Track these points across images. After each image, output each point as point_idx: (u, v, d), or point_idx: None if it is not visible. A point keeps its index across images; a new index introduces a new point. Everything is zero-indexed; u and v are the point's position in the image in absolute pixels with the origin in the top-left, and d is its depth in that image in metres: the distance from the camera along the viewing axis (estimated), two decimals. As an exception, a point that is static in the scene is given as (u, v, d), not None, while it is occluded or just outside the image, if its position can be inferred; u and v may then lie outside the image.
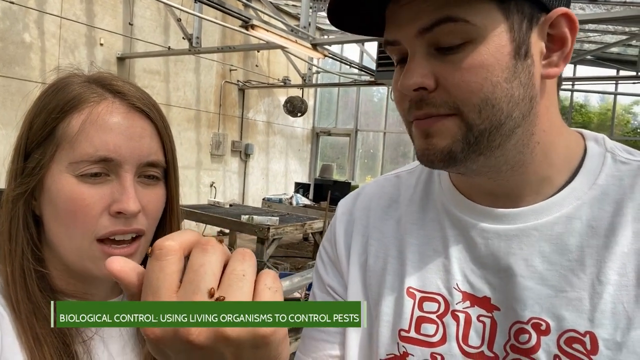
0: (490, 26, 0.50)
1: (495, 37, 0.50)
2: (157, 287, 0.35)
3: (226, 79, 8.55)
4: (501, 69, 0.50)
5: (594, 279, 0.53)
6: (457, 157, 0.54)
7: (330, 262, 0.73)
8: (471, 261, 0.60)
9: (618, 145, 0.60)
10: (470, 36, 0.50)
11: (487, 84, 0.50)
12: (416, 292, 0.62)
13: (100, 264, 0.60)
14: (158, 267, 0.35)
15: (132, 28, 6.73)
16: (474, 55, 0.50)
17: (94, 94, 0.62)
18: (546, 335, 0.53)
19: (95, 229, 0.60)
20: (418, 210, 0.67)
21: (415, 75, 0.52)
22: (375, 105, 11.02)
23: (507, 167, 0.56)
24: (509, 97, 0.51)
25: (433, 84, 0.52)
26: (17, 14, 5.44)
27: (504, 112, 0.52)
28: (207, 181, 8.41)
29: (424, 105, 0.53)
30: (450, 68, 0.51)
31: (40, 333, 0.57)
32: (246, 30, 4.68)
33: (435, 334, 0.59)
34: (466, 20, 0.49)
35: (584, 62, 8.31)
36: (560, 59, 0.54)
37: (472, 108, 0.51)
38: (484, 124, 0.52)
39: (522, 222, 0.57)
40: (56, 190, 0.60)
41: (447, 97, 0.52)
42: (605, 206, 0.55)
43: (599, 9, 5.99)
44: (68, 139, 0.60)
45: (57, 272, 0.64)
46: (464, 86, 0.51)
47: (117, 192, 0.60)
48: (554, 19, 0.52)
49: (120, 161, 0.60)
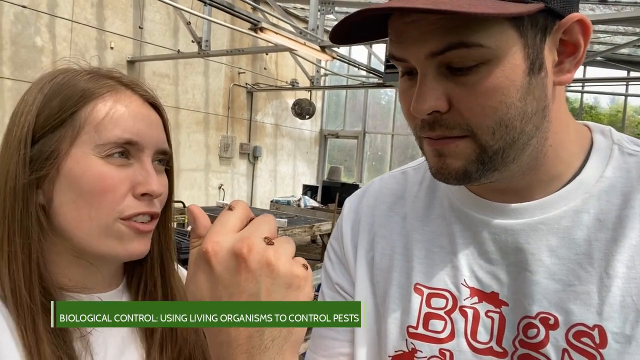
0: (505, 46, 0.48)
1: (509, 57, 0.48)
2: (226, 221, 0.43)
3: (235, 82, 8.58)
4: (516, 90, 0.49)
5: (602, 273, 0.52)
6: (472, 176, 0.54)
7: (338, 260, 0.73)
8: (478, 256, 0.60)
9: (625, 136, 0.59)
10: (484, 58, 0.48)
11: (502, 106, 0.49)
12: (423, 288, 0.62)
13: (127, 241, 0.63)
14: (230, 213, 0.44)
15: (142, 32, 6.78)
16: (489, 78, 0.48)
17: (110, 85, 0.65)
18: (555, 329, 0.53)
19: (120, 208, 0.62)
20: (424, 206, 0.67)
21: (428, 100, 0.50)
22: (383, 108, 10.99)
23: (519, 173, 0.56)
24: (522, 115, 0.50)
25: (446, 106, 0.51)
26: (28, 18, 5.50)
27: (517, 129, 0.51)
28: (216, 183, 8.44)
29: (437, 127, 0.52)
30: (464, 91, 0.50)
31: (39, 329, 0.57)
32: (255, 33, 4.70)
33: (444, 330, 0.59)
34: (480, 44, 0.47)
35: (594, 63, 8.23)
36: (572, 64, 0.53)
37: (485, 130, 0.51)
38: (497, 144, 0.51)
39: (529, 217, 0.57)
40: (81, 171, 0.60)
41: (461, 120, 0.51)
42: (612, 199, 0.55)
43: (609, 10, 5.94)
44: (94, 122, 0.61)
45: (56, 268, 0.64)
46: (479, 110, 0.50)
47: (141, 175, 0.63)
48: (569, 25, 0.50)
49: (143, 145, 0.63)
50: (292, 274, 0.41)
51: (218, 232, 0.42)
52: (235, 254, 0.40)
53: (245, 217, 0.45)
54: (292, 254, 0.43)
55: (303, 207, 7.66)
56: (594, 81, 8.06)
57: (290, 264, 0.41)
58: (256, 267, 0.40)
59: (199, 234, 0.44)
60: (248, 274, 0.40)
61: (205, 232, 0.44)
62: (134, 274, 0.73)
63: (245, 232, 0.42)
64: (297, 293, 0.41)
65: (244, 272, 0.40)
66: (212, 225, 0.44)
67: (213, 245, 0.41)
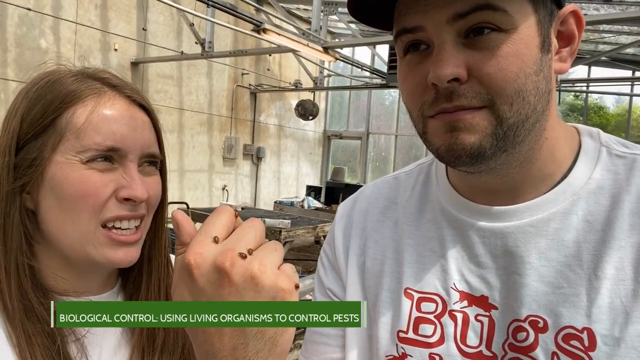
0: (523, 17, 0.50)
1: (526, 28, 0.50)
2: (210, 230, 0.42)
3: (238, 83, 8.59)
4: (532, 61, 0.50)
5: (591, 275, 0.52)
6: (486, 153, 0.51)
7: (330, 265, 0.73)
8: (468, 260, 0.60)
9: (613, 138, 0.60)
10: (505, 26, 0.49)
11: (522, 74, 0.50)
12: (414, 292, 0.62)
13: (106, 250, 0.61)
14: (217, 217, 0.43)
15: (146, 33, 6.80)
16: (509, 44, 0.49)
17: (94, 87, 0.63)
18: (544, 332, 0.53)
19: (101, 212, 0.61)
20: (415, 211, 0.67)
21: (450, 65, 0.49)
22: (387, 108, 10.98)
23: (517, 164, 0.56)
24: (536, 90, 0.51)
25: (466, 75, 0.50)
26: (33, 20, 5.53)
27: (531, 105, 0.51)
28: (219, 184, 8.45)
29: (454, 97, 0.50)
30: (485, 56, 0.49)
31: (31, 333, 0.57)
32: (258, 34, 4.70)
33: (433, 334, 0.59)
34: (505, 10, 0.48)
35: (599, 63, 8.20)
36: (568, 55, 0.55)
37: (505, 100, 0.50)
38: (513, 118, 0.51)
39: (518, 219, 0.57)
40: (63, 177, 0.60)
41: (481, 88, 0.50)
42: (601, 200, 0.55)
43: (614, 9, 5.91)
44: (74, 129, 0.60)
45: (48, 271, 0.64)
46: (501, 75, 0.49)
47: (124, 180, 0.62)
48: (565, 15, 0.54)
49: (126, 151, 0.62)
50: (277, 288, 0.40)
51: (201, 242, 0.41)
52: (217, 267, 0.39)
53: (232, 223, 0.43)
54: (278, 264, 0.42)
55: (307, 208, 7.66)
56: (598, 81, 8.03)
57: (275, 277, 0.40)
58: (239, 280, 0.39)
59: (183, 242, 0.43)
60: (231, 287, 0.39)
61: (189, 240, 0.42)
62: (128, 276, 0.73)
63: (229, 243, 0.41)
64: None
65: (227, 286, 0.39)
66: (195, 234, 0.42)
67: (195, 257, 0.40)
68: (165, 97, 7.12)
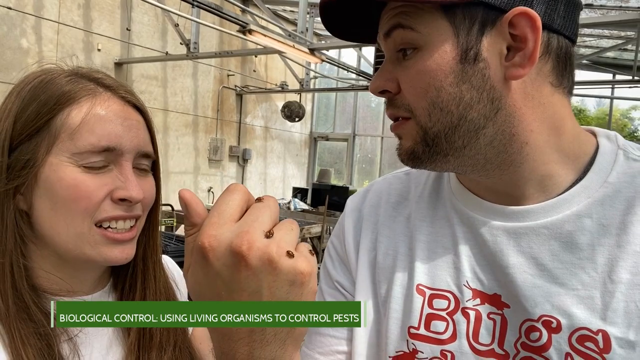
0: (435, 33, 0.53)
1: (439, 43, 0.53)
2: (223, 210, 0.40)
3: (224, 84, 8.55)
4: (444, 74, 0.53)
5: (605, 278, 0.52)
6: (421, 157, 0.58)
7: (339, 258, 0.73)
8: (481, 258, 0.60)
9: (630, 143, 0.60)
10: (417, 43, 0.54)
11: (431, 89, 0.53)
12: (426, 289, 0.62)
13: (102, 248, 0.62)
14: (230, 197, 0.41)
15: (130, 34, 6.73)
16: (419, 61, 0.54)
17: (88, 88, 0.63)
18: (557, 333, 0.53)
19: (95, 213, 0.61)
20: (428, 207, 0.67)
21: (379, 79, 0.58)
22: (373, 111, 11.03)
23: (492, 166, 0.57)
24: (457, 100, 0.53)
25: (396, 88, 0.57)
26: (14, 20, 5.43)
27: (455, 114, 0.54)
28: (205, 186, 8.39)
29: (389, 106, 0.59)
30: (404, 73, 0.56)
31: (24, 333, 0.57)
32: (243, 35, 4.69)
33: (445, 331, 0.59)
34: (412, 28, 0.53)
35: (581, 66, 8.34)
36: (523, 59, 0.52)
37: (421, 112, 0.55)
38: (436, 127, 0.55)
39: (532, 220, 0.57)
40: (57, 179, 0.59)
41: (404, 100, 0.57)
42: (616, 204, 0.55)
43: (595, 14, 6.02)
44: (68, 130, 0.60)
45: (41, 271, 0.63)
46: (412, 90, 0.55)
47: (120, 180, 0.62)
48: (511, 18, 0.51)
49: (122, 150, 0.62)
50: (296, 271, 0.38)
51: (215, 223, 0.39)
52: (234, 251, 0.38)
53: (245, 202, 0.42)
54: (295, 243, 0.40)
55: (293, 209, 7.65)
56: (580, 84, 8.16)
57: (293, 260, 0.39)
58: (257, 264, 0.38)
59: (193, 223, 0.42)
60: (249, 271, 0.38)
61: (199, 220, 0.41)
62: (119, 276, 0.72)
63: (245, 225, 0.39)
64: (300, 290, 0.39)
65: (244, 270, 0.38)
66: (208, 215, 0.41)
67: (210, 240, 0.38)
68: (150, 98, 7.05)
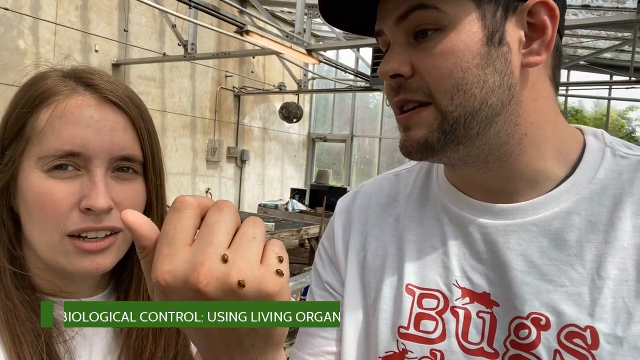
0: (462, 14, 0.52)
1: (466, 24, 0.52)
2: (173, 236, 0.35)
3: (222, 85, 8.55)
4: (472, 55, 0.52)
5: (593, 274, 0.53)
6: (434, 146, 0.55)
7: (329, 259, 0.73)
8: (470, 257, 0.60)
9: (617, 139, 0.60)
10: (441, 24, 0.52)
11: (457, 69, 0.52)
12: (415, 288, 0.62)
13: (73, 258, 0.59)
14: (176, 218, 0.36)
15: (127, 34, 6.72)
16: (445, 41, 0.52)
17: (66, 88, 0.60)
18: (546, 330, 0.53)
19: (64, 224, 0.58)
20: (416, 207, 0.67)
21: (392, 62, 0.55)
22: (371, 112, 11.04)
23: (493, 158, 0.56)
24: (481, 83, 0.52)
25: (409, 71, 0.55)
26: (11, 21, 5.42)
27: (477, 98, 0.53)
28: (203, 187, 8.38)
29: (401, 90, 0.56)
30: (423, 55, 0.53)
31: (20, 332, 0.56)
32: (241, 36, 4.68)
33: (435, 330, 0.59)
34: (437, 7, 0.52)
35: (578, 67, 8.36)
36: (541, 47, 0.54)
37: (443, 94, 0.53)
38: (457, 111, 0.53)
39: (520, 217, 0.57)
40: (27, 185, 0.58)
41: (422, 83, 0.54)
42: (604, 201, 0.55)
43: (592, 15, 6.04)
44: (36, 133, 0.58)
45: (37, 271, 0.63)
46: (435, 72, 0.53)
47: (87, 188, 0.58)
48: (532, 6, 0.53)
49: (89, 155, 0.58)
50: (262, 294, 0.35)
51: (167, 255, 0.35)
52: (192, 288, 0.34)
53: (196, 217, 0.37)
54: (260, 255, 0.36)
55: (291, 210, 7.64)
56: (577, 85, 8.18)
57: (258, 282, 0.35)
58: (219, 295, 0.34)
59: (142, 246, 0.38)
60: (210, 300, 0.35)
61: (149, 243, 0.37)
62: (120, 279, 0.71)
63: (199, 254, 0.34)
64: None
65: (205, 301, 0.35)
66: (158, 242, 0.36)
67: (165, 277, 0.34)
68: (147, 99, 7.04)
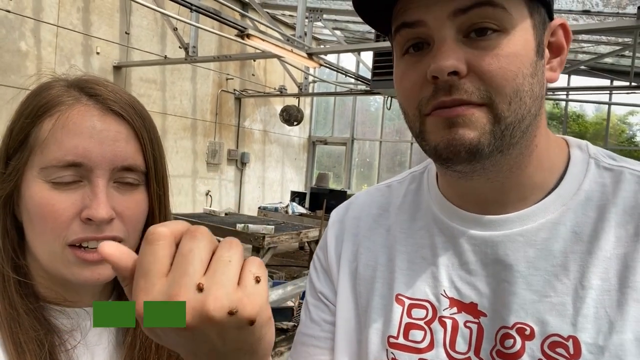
0: (521, 19, 0.51)
1: (523, 30, 0.52)
2: (148, 269, 0.35)
3: (223, 88, 8.56)
4: (529, 63, 0.52)
5: (577, 284, 0.53)
6: (484, 151, 0.51)
7: (323, 269, 0.74)
8: (459, 268, 0.60)
9: (601, 151, 0.61)
10: (503, 25, 0.50)
11: (520, 74, 0.51)
12: (405, 299, 0.63)
13: (74, 269, 0.59)
14: (150, 250, 0.36)
15: (129, 37, 6.74)
16: (510, 44, 0.50)
17: (69, 98, 0.60)
18: (530, 340, 0.54)
19: (65, 234, 0.58)
20: (408, 219, 0.68)
21: (451, 58, 0.50)
22: (372, 115, 11.05)
23: (507, 168, 0.57)
24: (531, 92, 0.52)
25: (465, 70, 0.50)
26: (13, 23, 5.44)
27: (527, 106, 0.52)
28: (203, 190, 8.38)
29: (454, 90, 0.51)
30: (485, 54, 0.50)
31: (23, 340, 0.56)
32: (242, 40, 4.69)
33: (423, 340, 0.60)
34: (504, 7, 0.50)
35: (578, 72, 8.37)
36: (558, 65, 0.57)
37: (503, 98, 0.50)
38: (510, 117, 0.52)
39: (508, 229, 0.58)
40: (28, 195, 0.59)
41: (480, 84, 0.50)
42: (588, 212, 0.56)
43: (593, 20, 6.05)
44: (39, 143, 0.59)
45: (40, 279, 0.63)
46: (501, 73, 0.50)
47: (88, 198, 0.58)
48: (555, 27, 0.56)
49: (91, 166, 0.58)
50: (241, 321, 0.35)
51: (143, 289, 0.35)
52: None
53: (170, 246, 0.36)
54: (236, 279, 0.35)
55: (291, 213, 7.64)
56: (578, 90, 8.19)
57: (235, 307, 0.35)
58: (197, 325, 0.34)
59: (123, 277, 0.38)
60: (191, 333, 0.35)
61: (129, 274, 0.37)
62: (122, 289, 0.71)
63: (174, 286, 0.34)
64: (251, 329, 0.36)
65: (187, 333, 0.35)
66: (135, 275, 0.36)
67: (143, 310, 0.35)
68: (149, 101, 7.05)
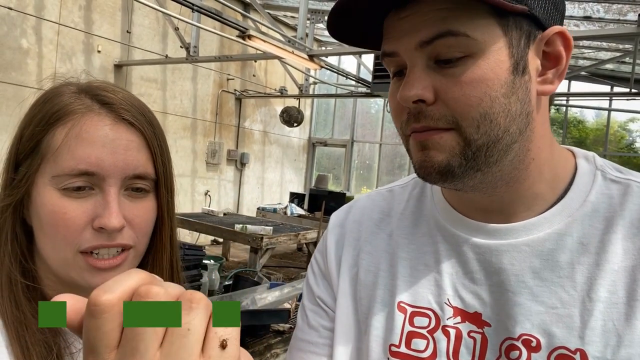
0: (490, 41, 0.50)
1: (494, 52, 0.50)
2: (95, 345, 0.30)
3: (223, 88, 8.56)
4: (500, 84, 0.51)
5: (584, 296, 0.53)
6: (455, 172, 0.53)
7: (321, 273, 0.72)
8: (463, 276, 0.59)
9: (608, 163, 0.61)
10: (470, 50, 0.50)
11: (486, 98, 0.51)
12: (407, 306, 0.61)
13: (85, 275, 0.60)
14: (94, 325, 0.30)
15: (130, 36, 6.74)
16: (474, 69, 0.50)
17: (80, 106, 0.60)
18: (537, 352, 0.53)
19: (78, 242, 0.59)
20: (410, 224, 0.67)
21: (415, 87, 0.52)
22: (372, 117, 11.06)
23: (502, 183, 0.56)
24: (506, 112, 0.52)
25: (432, 97, 0.52)
26: (15, 20, 5.44)
27: (502, 127, 0.52)
28: (202, 189, 8.38)
29: (422, 118, 0.53)
30: (449, 82, 0.51)
31: (30, 342, 0.57)
32: (243, 41, 4.70)
33: (426, 349, 0.59)
34: (466, 34, 0.50)
35: (579, 78, 8.39)
36: (555, 76, 0.55)
37: (470, 122, 0.51)
38: (481, 139, 0.52)
39: (513, 238, 0.57)
40: (40, 203, 0.59)
41: (446, 111, 0.52)
42: (595, 223, 0.55)
43: (593, 26, 6.07)
44: (51, 151, 0.59)
45: (49, 282, 0.63)
46: (464, 100, 0.51)
47: (100, 207, 0.59)
48: (550, 36, 0.53)
49: (104, 175, 0.59)
50: None
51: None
52: None
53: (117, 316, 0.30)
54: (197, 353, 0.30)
55: (289, 214, 7.64)
56: (578, 95, 8.20)
57: None
58: None
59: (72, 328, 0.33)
60: None
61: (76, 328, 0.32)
62: None
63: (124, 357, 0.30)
64: None
65: None
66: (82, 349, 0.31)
67: None
68: (149, 100, 7.05)
